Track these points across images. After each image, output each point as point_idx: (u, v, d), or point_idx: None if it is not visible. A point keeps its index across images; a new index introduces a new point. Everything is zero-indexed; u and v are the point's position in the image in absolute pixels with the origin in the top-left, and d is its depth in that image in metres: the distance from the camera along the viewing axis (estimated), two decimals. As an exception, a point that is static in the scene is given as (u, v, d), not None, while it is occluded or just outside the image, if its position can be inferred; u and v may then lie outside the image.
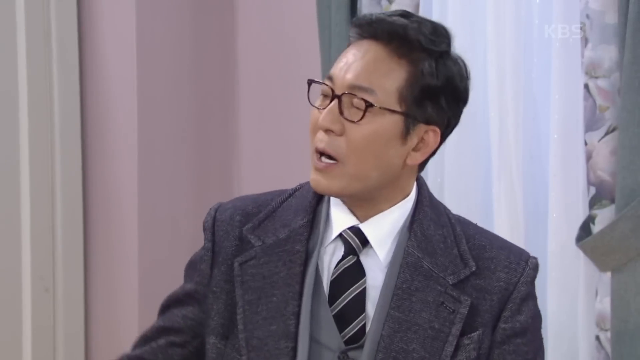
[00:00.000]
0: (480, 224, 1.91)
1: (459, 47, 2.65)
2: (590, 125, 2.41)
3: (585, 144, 2.43)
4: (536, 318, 1.78)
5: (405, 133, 1.70)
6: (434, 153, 1.76)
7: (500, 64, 2.59)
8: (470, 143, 2.67)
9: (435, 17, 2.70)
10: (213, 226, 1.80)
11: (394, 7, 2.70)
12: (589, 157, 2.42)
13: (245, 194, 1.88)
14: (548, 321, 2.54)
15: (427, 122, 1.71)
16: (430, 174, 2.71)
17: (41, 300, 3.12)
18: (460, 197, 2.67)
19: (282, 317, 1.71)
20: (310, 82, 1.75)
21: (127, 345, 3.15)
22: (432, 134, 1.72)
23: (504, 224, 2.58)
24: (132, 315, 3.11)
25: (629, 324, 2.36)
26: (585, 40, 2.41)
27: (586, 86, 2.42)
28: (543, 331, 2.54)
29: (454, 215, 1.81)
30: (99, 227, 3.19)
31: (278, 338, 1.71)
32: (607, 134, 2.41)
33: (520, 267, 1.76)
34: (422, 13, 2.70)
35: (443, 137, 1.75)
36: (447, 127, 1.75)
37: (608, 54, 2.39)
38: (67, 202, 3.15)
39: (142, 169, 3.10)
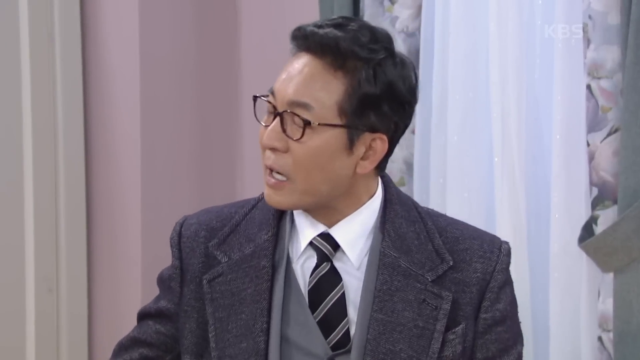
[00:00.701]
0: (482, 225, 1.92)
1: (462, 47, 2.66)
2: (593, 126, 2.41)
3: (588, 144, 2.42)
4: (513, 304, 1.79)
5: (350, 144, 1.69)
6: (389, 155, 1.75)
7: (502, 65, 2.59)
8: (473, 144, 2.66)
9: (437, 18, 2.70)
10: (179, 243, 1.80)
11: (397, 7, 2.70)
12: (591, 158, 2.42)
13: (212, 205, 1.87)
14: (550, 322, 2.54)
15: (372, 131, 1.70)
16: (432, 175, 2.71)
17: (45, 301, 3.13)
18: (463, 198, 2.66)
19: (251, 335, 1.71)
20: (255, 98, 1.74)
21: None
22: (379, 142, 1.71)
23: (507, 224, 2.57)
24: (135, 315, 3.11)
25: (632, 324, 2.36)
26: (587, 41, 2.41)
27: (588, 87, 2.41)
28: (545, 331, 2.56)
29: (423, 208, 1.81)
30: (103, 227, 3.19)
31: (248, 355, 1.71)
32: (609, 134, 2.40)
33: (495, 255, 1.76)
34: (425, 14, 2.70)
35: (395, 140, 1.74)
36: (395, 131, 1.72)
37: (610, 55, 2.39)
38: (71, 202, 3.15)
39: (145, 169, 3.11)
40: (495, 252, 1.77)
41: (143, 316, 1.85)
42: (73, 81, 3.15)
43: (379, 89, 1.68)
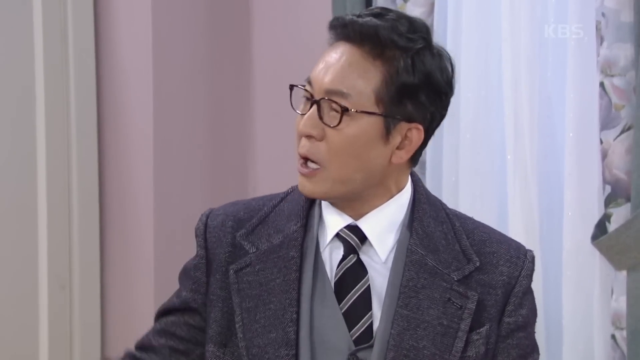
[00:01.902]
0: (495, 223, 1.92)
1: (474, 45, 2.66)
2: (606, 123, 2.41)
3: (601, 142, 2.42)
4: (534, 312, 1.80)
5: (387, 133, 1.69)
6: (424, 146, 1.75)
7: (515, 63, 2.59)
8: (485, 142, 2.66)
9: (450, 17, 2.70)
10: (205, 233, 1.79)
11: (409, 5, 2.70)
12: (604, 155, 2.41)
13: (238, 199, 1.86)
14: (564, 320, 2.54)
15: (409, 120, 1.70)
16: (445, 173, 2.71)
17: (57, 298, 3.13)
18: (475, 196, 2.66)
19: (280, 325, 1.71)
20: (291, 87, 1.75)
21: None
22: (415, 132, 1.71)
23: (519, 222, 2.57)
24: (148, 312, 3.12)
25: (645, 322, 2.36)
26: (600, 39, 2.40)
27: (602, 84, 2.41)
28: (559, 329, 2.56)
29: (451, 210, 1.81)
30: (115, 224, 3.20)
31: (278, 346, 1.71)
32: (622, 132, 2.40)
33: (521, 260, 1.76)
34: (437, 12, 2.70)
35: (430, 132, 1.74)
36: (431, 121, 1.73)
37: (623, 52, 2.38)
38: (84, 199, 3.16)
39: (157, 166, 3.11)
40: (522, 257, 1.77)
41: (167, 312, 1.82)
42: (86, 79, 3.15)
43: (417, 79, 1.68)
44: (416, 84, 1.68)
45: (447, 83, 1.72)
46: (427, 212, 1.76)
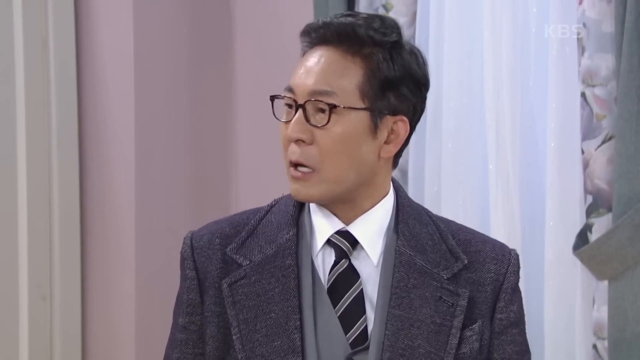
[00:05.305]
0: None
1: (457, 54, 2.67)
2: (587, 133, 2.42)
3: (582, 152, 2.43)
4: (523, 309, 1.83)
5: (374, 127, 1.72)
6: (406, 144, 1.78)
7: (497, 72, 2.59)
8: (467, 151, 2.67)
9: (432, 26, 2.71)
10: (193, 254, 1.79)
11: (391, 15, 2.70)
12: (586, 165, 2.42)
13: (220, 217, 1.86)
14: (545, 329, 2.54)
15: (394, 113, 1.73)
16: (427, 182, 2.71)
17: (38, 309, 3.12)
18: (458, 205, 2.66)
19: (285, 333, 1.72)
20: (272, 98, 1.76)
21: (124, 353, 3.14)
22: (401, 124, 1.74)
23: (501, 232, 2.57)
24: (129, 324, 3.11)
25: (626, 332, 2.36)
26: (582, 49, 2.41)
27: (583, 94, 2.42)
28: (540, 339, 2.56)
29: (433, 214, 1.84)
30: (96, 235, 3.19)
31: (284, 354, 1.72)
32: (604, 142, 2.41)
33: (506, 258, 1.80)
34: (419, 21, 2.71)
35: (413, 125, 1.77)
36: (414, 114, 1.76)
37: (605, 63, 2.39)
38: (65, 210, 3.15)
39: (139, 177, 3.10)
40: (507, 255, 1.80)
41: (172, 350, 1.79)
42: (67, 88, 3.14)
43: (397, 72, 1.72)
44: (397, 76, 1.72)
45: (424, 75, 1.76)
46: (411, 215, 1.78)
